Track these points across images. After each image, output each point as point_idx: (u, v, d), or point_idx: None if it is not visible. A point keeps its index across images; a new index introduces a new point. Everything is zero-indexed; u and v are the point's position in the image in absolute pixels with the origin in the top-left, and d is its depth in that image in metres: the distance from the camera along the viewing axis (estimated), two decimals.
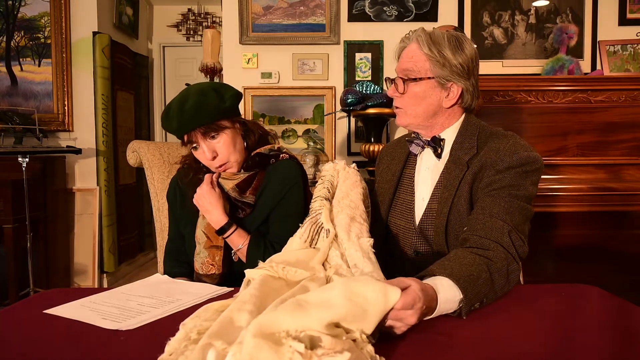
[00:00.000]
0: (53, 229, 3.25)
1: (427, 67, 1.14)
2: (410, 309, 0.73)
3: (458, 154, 1.17)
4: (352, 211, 1.10)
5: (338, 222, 1.06)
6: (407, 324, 0.74)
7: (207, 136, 1.23)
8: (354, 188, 1.19)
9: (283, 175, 1.31)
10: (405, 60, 1.18)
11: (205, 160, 1.27)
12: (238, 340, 0.60)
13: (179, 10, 4.68)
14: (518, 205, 1.05)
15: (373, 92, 2.68)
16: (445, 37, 1.14)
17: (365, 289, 0.69)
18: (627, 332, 0.78)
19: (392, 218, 1.28)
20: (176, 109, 1.21)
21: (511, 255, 0.98)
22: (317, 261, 0.96)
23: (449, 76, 1.14)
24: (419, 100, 1.17)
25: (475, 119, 1.23)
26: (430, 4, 3.00)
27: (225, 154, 1.25)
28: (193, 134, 1.22)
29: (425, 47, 1.13)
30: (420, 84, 1.15)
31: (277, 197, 1.30)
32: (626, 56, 2.98)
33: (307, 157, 2.83)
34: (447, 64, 1.13)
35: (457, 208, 1.12)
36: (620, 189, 2.26)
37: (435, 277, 0.86)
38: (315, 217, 1.09)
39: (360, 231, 1.05)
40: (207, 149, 1.23)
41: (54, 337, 0.78)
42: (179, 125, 1.22)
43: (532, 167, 1.08)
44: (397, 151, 1.36)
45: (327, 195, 1.15)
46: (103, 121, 3.47)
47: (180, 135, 1.24)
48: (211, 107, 1.22)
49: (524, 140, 1.14)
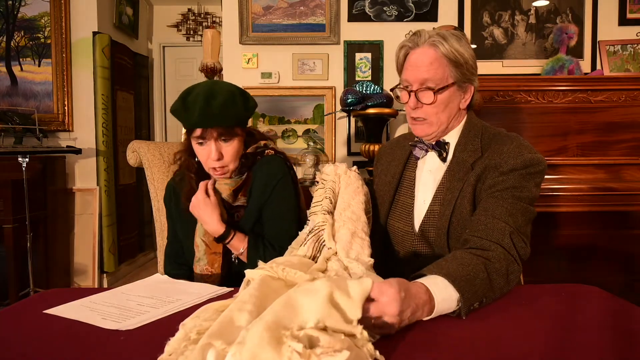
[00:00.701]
0: (53, 229, 3.25)
1: (448, 73, 1.12)
2: (383, 296, 0.72)
3: (462, 156, 1.16)
4: (353, 225, 1.10)
5: (339, 238, 1.06)
6: (391, 315, 0.72)
7: (220, 138, 1.23)
8: (355, 196, 1.18)
9: (267, 172, 1.29)
10: (422, 68, 1.12)
11: (207, 159, 1.25)
12: (238, 340, 0.60)
13: (179, 10, 4.68)
14: (521, 207, 1.05)
15: (373, 92, 2.68)
16: (450, 33, 1.14)
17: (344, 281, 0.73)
18: (627, 332, 0.78)
19: (391, 221, 1.27)
20: (202, 102, 1.18)
21: (512, 256, 0.98)
22: (316, 268, 0.96)
23: (466, 77, 1.14)
24: (443, 108, 1.15)
25: (476, 118, 1.22)
26: (430, 4, 3.00)
27: (229, 159, 1.25)
28: (210, 131, 1.21)
29: (445, 48, 1.10)
30: (446, 92, 1.14)
31: (264, 195, 1.29)
32: (626, 56, 2.98)
33: (307, 157, 2.84)
34: (465, 62, 1.12)
35: (459, 210, 1.11)
36: (620, 189, 2.26)
37: (430, 276, 0.86)
38: (318, 233, 1.09)
39: (361, 247, 1.05)
40: (215, 149, 1.22)
41: (54, 337, 0.78)
42: (201, 119, 1.18)
43: (535, 169, 1.08)
44: (397, 152, 1.34)
45: (330, 208, 1.15)
46: (103, 121, 3.47)
47: (196, 127, 1.21)
48: (237, 112, 1.22)
49: (527, 142, 1.14)
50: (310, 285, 0.72)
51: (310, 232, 1.10)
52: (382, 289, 0.74)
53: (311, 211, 1.19)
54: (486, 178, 1.10)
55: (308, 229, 1.12)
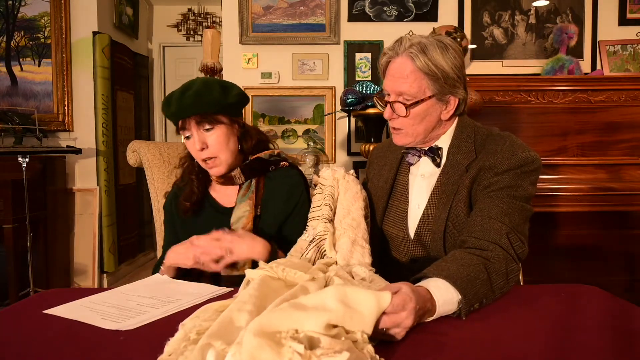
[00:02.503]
0: (53, 229, 3.25)
1: (425, 86, 1.10)
2: (403, 311, 0.72)
3: (456, 159, 1.15)
4: (353, 232, 1.10)
5: (339, 247, 1.07)
6: (404, 327, 0.73)
7: (201, 126, 1.23)
8: (355, 202, 1.18)
9: (290, 190, 1.30)
10: (399, 80, 1.11)
11: (195, 152, 1.26)
12: (237, 340, 0.60)
13: (179, 10, 4.68)
14: (517, 206, 1.04)
15: (373, 92, 2.68)
16: (433, 43, 1.09)
17: (356, 293, 0.69)
18: (627, 332, 0.78)
19: (386, 226, 1.26)
20: (177, 94, 1.23)
21: (510, 255, 0.98)
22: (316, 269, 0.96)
23: (446, 90, 1.11)
24: (420, 120, 1.13)
25: (468, 119, 1.21)
26: (430, 4, 3.00)
27: (215, 148, 1.24)
28: (187, 120, 1.23)
29: (420, 61, 1.07)
30: (422, 105, 1.12)
31: (285, 212, 1.29)
32: (626, 56, 2.98)
33: (307, 157, 2.83)
34: (444, 76, 1.09)
35: (455, 213, 1.11)
36: (620, 189, 2.26)
37: (431, 279, 0.86)
38: (319, 242, 1.09)
39: (362, 256, 1.05)
40: (198, 139, 1.23)
41: (54, 337, 0.78)
42: (177, 110, 1.22)
43: (530, 168, 1.08)
44: (389, 156, 1.32)
45: (330, 215, 1.15)
46: (103, 121, 3.47)
47: (176, 120, 1.25)
48: (212, 99, 1.22)
49: (520, 140, 1.13)
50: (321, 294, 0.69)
51: (312, 242, 1.10)
52: (405, 302, 0.73)
53: (311, 217, 1.19)
54: (481, 179, 1.10)
55: (309, 238, 1.12)
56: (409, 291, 0.75)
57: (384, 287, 0.78)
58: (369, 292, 0.70)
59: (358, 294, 0.69)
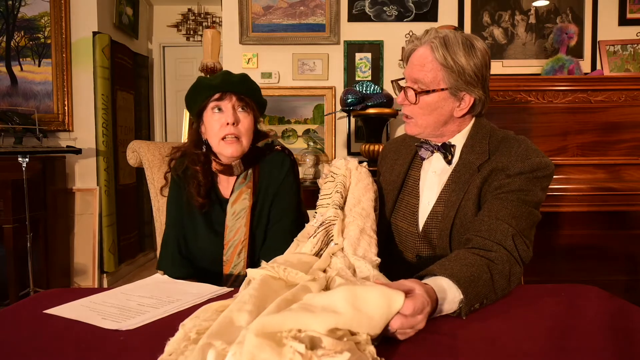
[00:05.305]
0: (53, 229, 3.24)
1: (440, 77, 1.10)
2: (420, 314, 0.73)
3: (469, 158, 1.15)
4: (362, 221, 1.10)
5: (347, 235, 1.06)
6: (416, 330, 0.73)
7: (239, 105, 1.28)
8: (366, 193, 1.18)
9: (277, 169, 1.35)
10: (416, 67, 1.12)
11: (220, 126, 1.27)
12: (238, 340, 0.60)
13: (179, 10, 4.67)
14: (526, 210, 1.04)
15: (373, 92, 2.68)
16: (458, 39, 1.09)
17: (367, 294, 0.68)
18: (626, 333, 0.78)
19: (395, 220, 1.27)
20: (221, 74, 1.29)
21: (514, 258, 0.98)
22: (317, 267, 0.96)
23: (462, 86, 1.10)
24: (430, 111, 1.14)
25: (485, 121, 1.21)
26: (430, 4, 3.00)
27: (244, 128, 1.29)
28: (229, 95, 1.27)
29: (439, 53, 1.08)
30: (433, 96, 1.12)
31: (272, 191, 1.33)
32: (626, 56, 2.98)
33: (307, 157, 2.84)
34: (461, 72, 1.09)
35: (463, 212, 1.11)
36: (620, 189, 2.26)
37: (435, 277, 0.86)
38: (328, 226, 1.09)
39: (369, 245, 1.05)
40: (232, 113, 1.27)
41: (54, 337, 0.78)
42: (221, 83, 1.26)
43: (543, 173, 1.07)
44: (402, 151, 1.33)
45: (340, 202, 1.15)
46: (103, 121, 3.47)
47: (217, 91, 1.27)
48: (256, 87, 1.33)
49: (535, 145, 1.13)
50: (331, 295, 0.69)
51: (321, 225, 1.10)
52: (423, 306, 0.73)
53: (320, 204, 1.19)
54: (492, 180, 1.10)
55: (318, 222, 1.12)
56: (424, 294, 0.75)
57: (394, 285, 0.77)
58: (381, 294, 0.69)
59: (369, 294, 0.68)
